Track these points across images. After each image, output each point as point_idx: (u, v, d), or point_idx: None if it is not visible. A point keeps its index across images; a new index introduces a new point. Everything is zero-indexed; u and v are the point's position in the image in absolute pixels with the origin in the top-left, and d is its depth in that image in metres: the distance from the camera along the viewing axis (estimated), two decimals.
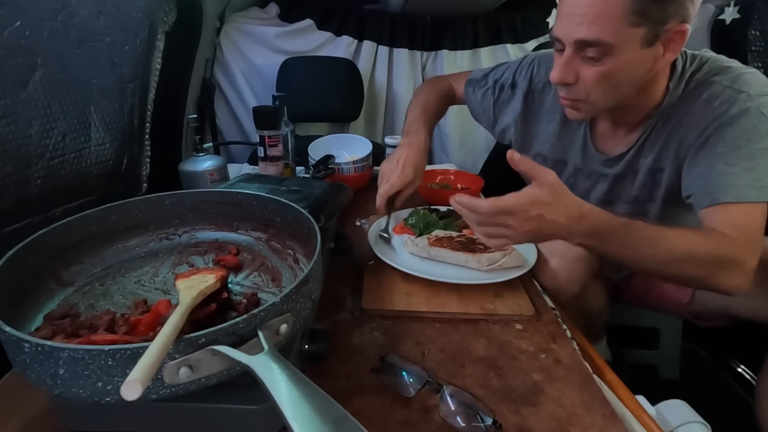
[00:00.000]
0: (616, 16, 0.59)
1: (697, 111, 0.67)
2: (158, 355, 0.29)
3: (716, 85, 0.66)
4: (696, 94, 0.67)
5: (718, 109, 0.64)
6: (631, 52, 0.62)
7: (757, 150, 0.61)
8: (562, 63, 0.66)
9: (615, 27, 0.60)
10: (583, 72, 0.65)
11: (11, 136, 0.69)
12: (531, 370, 0.53)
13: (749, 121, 0.62)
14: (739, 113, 0.63)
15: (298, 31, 1.74)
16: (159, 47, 1.11)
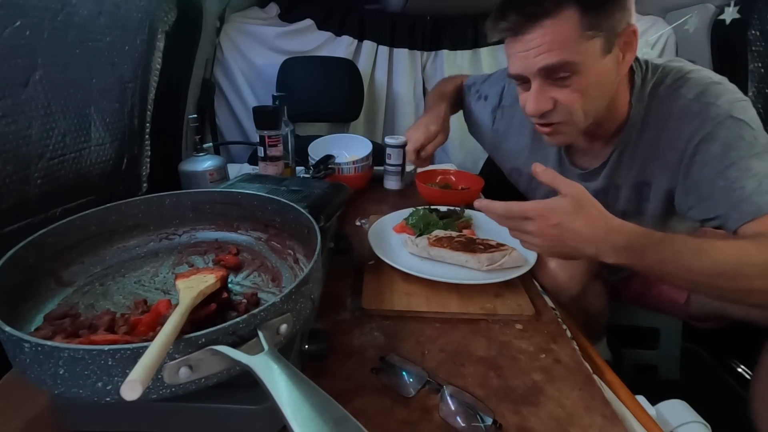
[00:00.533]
0: (571, 37, 0.61)
1: (672, 128, 0.67)
2: (158, 355, 0.29)
3: (683, 99, 0.66)
4: (665, 109, 0.68)
5: (693, 125, 0.64)
6: (596, 63, 0.63)
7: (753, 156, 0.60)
8: (534, 94, 0.66)
9: (573, 46, 0.61)
10: (558, 95, 0.65)
11: (11, 136, 0.69)
12: (531, 370, 0.53)
13: (727, 133, 0.62)
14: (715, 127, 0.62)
15: (298, 31, 1.74)
16: (159, 47, 1.11)
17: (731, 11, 1.29)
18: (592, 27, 0.60)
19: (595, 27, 0.60)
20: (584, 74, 0.63)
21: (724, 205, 0.61)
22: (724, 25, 1.34)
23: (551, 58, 0.62)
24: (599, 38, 0.61)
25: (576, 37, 0.61)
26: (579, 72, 0.63)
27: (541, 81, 0.65)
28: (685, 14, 1.49)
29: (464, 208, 0.93)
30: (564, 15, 0.60)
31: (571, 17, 0.60)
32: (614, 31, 0.62)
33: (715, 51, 1.47)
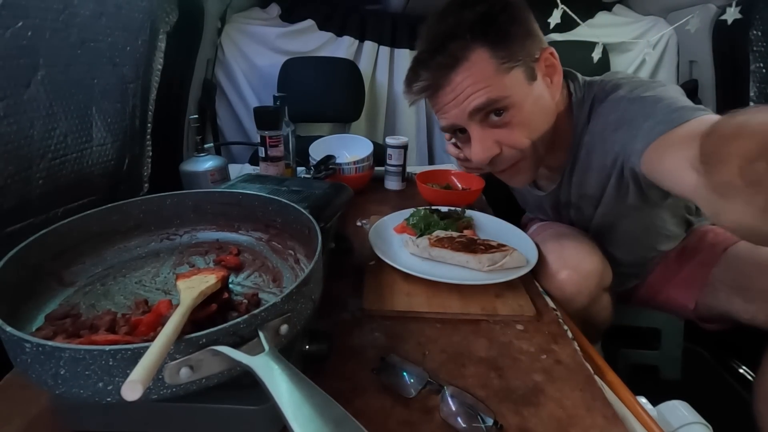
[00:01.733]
0: (490, 73, 0.61)
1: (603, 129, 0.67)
2: (159, 356, 0.29)
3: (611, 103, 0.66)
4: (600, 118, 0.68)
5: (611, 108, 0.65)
6: (526, 92, 0.63)
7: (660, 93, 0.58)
8: (477, 140, 0.65)
9: (495, 81, 0.61)
10: (500, 137, 0.65)
11: (13, 137, 0.70)
12: (532, 370, 0.53)
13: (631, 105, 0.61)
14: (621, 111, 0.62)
15: (300, 32, 1.74)
16: (160, 48, 1.12)
17: (733, 11, 1.28)
18: (507, 59, 0.61)
19: (509, 58, 0.61)
20: (518, 106, 0.63)
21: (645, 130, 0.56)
22: (725, 25, 1.33)
23: (479, 97, 0.62)
24: (519, 68, 0.62)
25: (494, 72, 0.61)
26: (512, 105, 0.63)
27: (477, 127, 0.65)
28: (687, 14, 1.48)
29: (465, 209, 0.93)
30: (475, 56, 0.61)
31: (482, 56, 0.61)
32: (530, 55, 0.63)
33: (717, 51, 1.47)
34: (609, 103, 0.66)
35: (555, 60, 0.65)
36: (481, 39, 0.60)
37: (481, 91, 0.62)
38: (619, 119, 0.62)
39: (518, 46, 0.62)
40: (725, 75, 1.45)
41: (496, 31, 0.60)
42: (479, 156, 0.66)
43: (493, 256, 0.69)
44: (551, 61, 0.65)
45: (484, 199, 1.15)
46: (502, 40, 0.61)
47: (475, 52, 0.61)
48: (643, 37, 1.66)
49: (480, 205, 1.10)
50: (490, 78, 0.61)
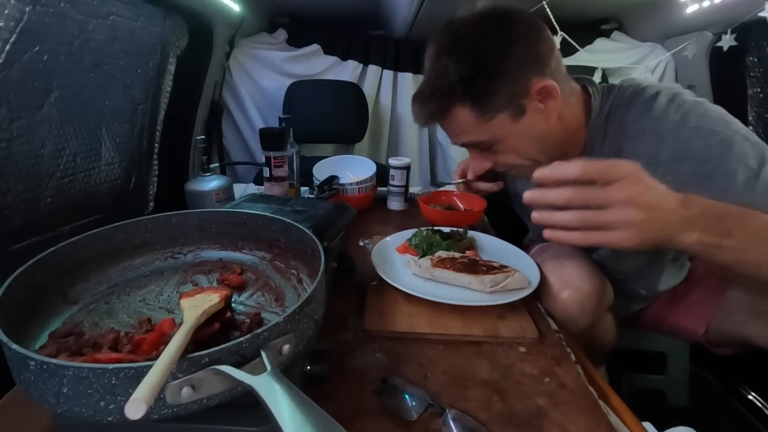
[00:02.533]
0: (470, 123, 0.66)
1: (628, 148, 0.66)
2: (162, 374, 0.29)
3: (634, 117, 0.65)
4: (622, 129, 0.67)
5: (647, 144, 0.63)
6: (512, 130, 0.66)
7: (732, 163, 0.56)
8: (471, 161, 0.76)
9: (478, 129, 0.66)
10: (491, 158, 0.72)
11: (24, 156, 0.71)
12: (535, 394, 0.52)
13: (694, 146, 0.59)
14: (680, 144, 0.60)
15: (305, 56, 1.78)
16: (170, 70, 1.15)
17: (728, 38, 1.32)
18: (486, 112, 0.64)
19: (488, 111, 0.64)
20: (503, 142, 0.68)
21: None
22: (722, 51, 1.36)
23: (465, 139, 0.69)
24: (502, 113, 0.65)
25: (475, 122, 0.66)
26: (497, 142, 0.68)
27: (472, 150, 0.73)
28: (684, 41, 1.52)
29: (467, 230, 0.93)
30: (455, 112, 0.66)
31: (462, 112, 0.65)
32: (517, 97, 0.64)
33: (715, 77, 1.50)
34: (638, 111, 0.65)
35: (550, 87, 0.64)
36: (461, 99, 0.65)
37: (466, 135, 0.69)
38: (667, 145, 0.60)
39: (500, 96, 0.64)
40: (723, 100, 1.48)
41: (475, 92, 0.63)
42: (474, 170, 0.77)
43: (495, 278, 0.69)
44: (545, 90, 0.65)
45: (486, 220, 1.16)
46: (483, 98, 0.64)
47: (456, 108, 0.66)
48: (641, 63, 1.69)
49: (482, 226, 1.10)
50: (471, 127, 0.67)
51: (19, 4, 0.65)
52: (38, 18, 0.68)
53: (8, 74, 0.65)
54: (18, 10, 0.65)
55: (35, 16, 0.67)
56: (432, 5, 1.29)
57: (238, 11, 1.42)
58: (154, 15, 1.02)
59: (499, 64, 0.62)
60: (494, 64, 0.62)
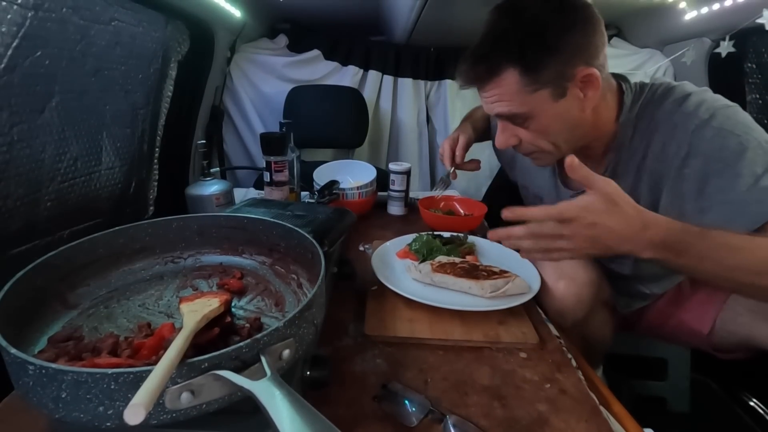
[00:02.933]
0: (513, 91, 0.66)
1: (658, 141, 0.68)
2: (162, 379, 0.29)
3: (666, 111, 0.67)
4: (652, 124, 0.69)
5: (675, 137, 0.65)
6: (549, 109, 0.67)
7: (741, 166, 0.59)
8: (499, 131, 0.74)
9: (518, 99, 0.66)
10: (520, 134, 0.72)
11: (25, 160, 0.71)
12: (536, 400, 0.52)
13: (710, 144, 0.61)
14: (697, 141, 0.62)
15: (306, 61, 1.79)
16: (171, 75, 1.15)
17: (726, 45, 1.32)
18: (532, 83, 0.64)
19: (535, 82, 0.64)
20: (537, 119, 0.68)
21: (718, 218, 0.60)
22: (720, 58, 1.37)
23: (502, 108, 0.69)
24: (545, 89, 0.65)
25: (518, 92, 0.66)
26: (531, 118, 0.68)
27: (503, 122, 0.72)
28: (682, 47, 1.53)
29: (467, 235, 0.93)
30: (504, 75, 0.65)
31: (510, 76, 0.65)
32: (563, 78, 0.65)
33: (713, 83, 1.51)
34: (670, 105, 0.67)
35: (594, 77, 0.65)
36: (513, 62, 0.64)
37: (504, 104, 0.68)
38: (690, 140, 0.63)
39: (549, 71, 0.64)
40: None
41: (529, 59, 0.63)
42: (499, 143, 0.74)
43: (496, 283, 0.69)
44: (589, 78, 0.65)
45: (487, 225, 1.16)
46: (534, 67, 0.64)
47: (506, 72, 0.65)
48: (640, 69, 1.70)
49: (482, 230, 1.10)
50: (513, 95, 0.66)
51: (21, 10, 0.65)
52: (40, 23, 0.68)
53: (10, 79, 0.65)
54: (20, 16, 0.65)
55: (37, 22, 0.67)
56: (432, 12, 1.30)
57: (239, 17, 1.43)
58: (155, 20, 1.03)
59: (556, 39, 0.63)
60: (552, 38, 0.63)
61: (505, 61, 0.65)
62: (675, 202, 0.67)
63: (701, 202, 0.63)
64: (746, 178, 0.58)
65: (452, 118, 1.90)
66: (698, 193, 0.63)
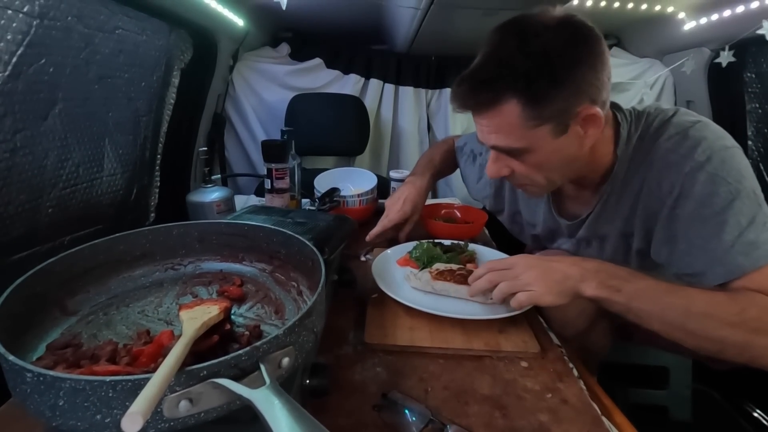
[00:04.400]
0: (514, 125, 0.62)
1: (652, 178, 0.66)
2: (160, 387, 0.29)
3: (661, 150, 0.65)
4: (647, 159, 0.67)
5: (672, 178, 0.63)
6: (547, 145, 0.63)
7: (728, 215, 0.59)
8: (491, 161, 0.71)
9: (518, 134, 0.62)
10: (513, 165, 0.68)
11: (27, 166, 0.72)
12: (537, 410, 0.51)
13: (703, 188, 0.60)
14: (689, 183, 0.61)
15: (308, 70, 1.81)
16: (174, 83, 1.16)
17: (726, 55, 1.33)
18: (535, 118, 0.60)
19: (537, 117, 0.60)
20: (534, 154, 0.64)
21: (699, 263, 0.61)
22: (720, 67, 1.38)
23: (499, 141, 0.65)
24: (547, 125, 0.61)
25: (519, 126, 0.61)
26: (529, 152, 0.65)
27: (495, 153, 0.69)
28: (682, 57, 1.54)
29: (468, 242, 0.93)
30: (504, 107, 0.61)
31: (511, 109, 0.60)
32: (566, 114, 0.61)
33: (713, 92, 1.51)
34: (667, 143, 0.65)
35: (597, 117, 0.62)
36: (517, 93, 0.60)
37: (503, 137, 0.64)
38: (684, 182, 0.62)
39: (553, 107, 0.60)
40: (723, 115, 1.49)
41: (534, 92, 0.59)
42: (491, 173, 0.71)
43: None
44: (592, 118, 0.62)
45: (487, 233, 1.16)
46: (538, 101, 0.59)
47: (508, 102, 0.60)
48: (640, 78, 1.71)
49: (483, 239, 1.10)
50: (512, 129, 0.62)
51: (27, 18, 0.66)
52: (45, 31, 0.69)
53: (14, 86, 0.66)
54: (26, 24, 0.66)
55: (42, 30, 0.68)
56: (433, 22, 1.31)
57: (242, 26, 1.44)
58: (159, 29, 1.04)
59: (565, 74, 0.59)
60: (561, 72, 0.59)
61: (508, 90, 0.60)
62: (666, 240, 0.65)
63: (685, 244, 0.62)
64: (731, 228, 0.58)
65: (453, 126, 1.91)
66: (684, 236, 0.62)
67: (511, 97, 0.60)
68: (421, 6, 1.17)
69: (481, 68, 0.63)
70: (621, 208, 0.71)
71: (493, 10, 1.21)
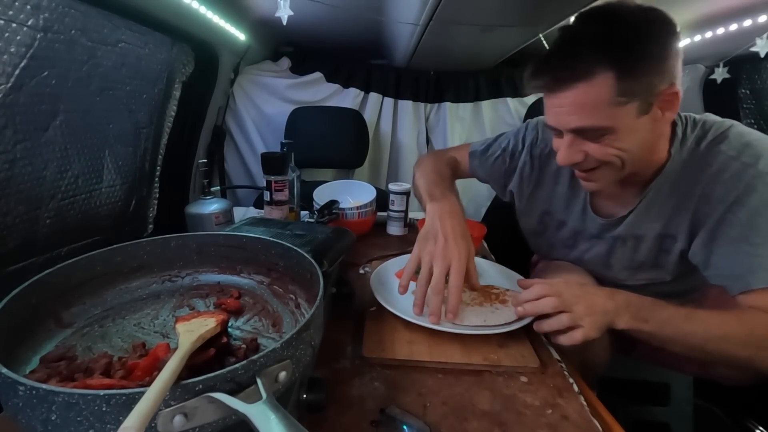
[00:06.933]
0: (604, 102, 0.59)
1: (708, 183, 0.66)
2: (155, 402, 0.28)
3: (723, 156, 0.66)
4: (703, 163, 0.67)
5: (728, 184, 0.64)
6: (630, 124, 0.62)
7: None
8: (564, 146, 0.66)
9: (606, 112, 0.60)
10: (589, 149, 0.65)
11: (26, 177, 0.72)
12: (537, 426, 0.51)
13: (759, 198, 0.62)
14: (748, 191, 0.62)
15: (308, 83, 1.82)
16: (175, 96, 1.17)
17: (721, 71, 1.35)
18: (627, 93, 0.58)
19: (629, 93, 0.59)
20: (617, 134, 0.62)
21: (741, 268, 0.63)
22: (715, 84, 1.40)
23: (583, 120, 0.62)
24: (634, 102, 0.59)
25: (608, 102, 0.59)
26: (612, 133, 0.62)
27: (571, 136, 0.65)
28: None
29: None
30: (598, 79, 0.58)
31: (605, 82, 0.58)
32: (652, 92, 0.60)
33: (708, 108, 1.53)
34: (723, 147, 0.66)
35: (676, 99, 0.62)
36: (612, 65, 0.57)
37: (588, 115, 0.61)
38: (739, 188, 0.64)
39: (645, 82, 0.59)
40: None
41: (630, 63, 0.58)
42: (562, 160, 0.68)
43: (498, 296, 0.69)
44: (671, 99, 0.62)
45: (486, 246, 1.15)
46: (632, 74, 0.58)
47: (600, 75, 0.58)
48: None
49: (482, 251, 1.10)
50: (602, 106, 0.60)
51: (31, 31, 0.66)
52: (49, 44, 0.70)
53: (16, 97, 0.66)
54: (30, 37, 0.66)
55: (46, 43, 0.69)
56: (432, 37, 1.33)
57: (243, 40, 1.46)
58: (161, 42, 1.05)
59: (655, 49, 0.58)
60: (651, 47, 0.58)
61: (600, 62, 0.58)
62: (709, 242, 0.67)
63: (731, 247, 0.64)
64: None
65: (451, 139, 1.92)
66: (731, 239, 0.64)
67: (602, 68, 0.58)
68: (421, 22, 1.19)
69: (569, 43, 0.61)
70: (664, 209, 0.72)
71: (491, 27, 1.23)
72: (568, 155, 0.66)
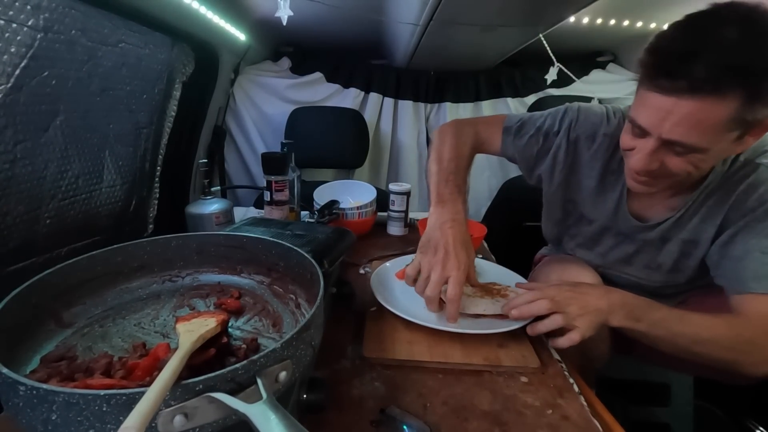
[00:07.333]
0: (717, 125, 0.55)
1: (741, 192, 0.67)
2: (155, 401, 0.28)
3: (762, 168, 0.66)
4: (741, 174, 0.68)
5: (763, 197, 0.65)
6: (722, 149, 0.60)
7: None
8: (647, 152, 0.62)
9: (712, 135, 0.56)
10: (668, 160, 0.62)
11: (26, 177, 0.72)
12: (538, 426, 0.51)
13: None
14: None
15: (308, 83, 1.83)
16: (175, 96, 1.17)
17: None
18: (739, 122, 0.55)
19: (742, 122, 0.55)
20: (706, 155, 0.60)
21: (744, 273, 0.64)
22: None
23: (688, 137, 0.57)
24: (738, 131, 0.57)
25: (720, 126, 0.55)
26: (702, 152, 0.59)
27: (656, 143, 0.61)
28: None
29: None
30: (727, 101, 0.53)
31: (731, 105, 0.54)
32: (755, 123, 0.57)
33: None
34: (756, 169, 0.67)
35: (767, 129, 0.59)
36: (744, 91, 0.53)
37: (695, 133, 0.57)
38: None
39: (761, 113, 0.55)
40: None
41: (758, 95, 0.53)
42: (637, 166, 0.64)
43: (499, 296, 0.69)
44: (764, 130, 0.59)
45: (486, 246, 1.15)
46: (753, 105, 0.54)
47: (727, 98, 0.53)
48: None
49: (482, 252, 1.10)
50: (711, 130, 0.56)
51: (31, 32, 0.66)
52: (49, 44, 0.70)
53: (16, 97, 0.66)
54: (30, 37, 0.66)
55: (46, 43, 0.69)
56: (432, 38, 1.33)
57: (243, 40, 1.46)
58: (162, 43, 1.05)
59: None
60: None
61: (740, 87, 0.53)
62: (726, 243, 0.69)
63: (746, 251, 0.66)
64: None
65: None
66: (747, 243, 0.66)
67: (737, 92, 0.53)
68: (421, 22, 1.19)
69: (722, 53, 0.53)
70: (694, 218, 0.73)
71: (491, 27, 1.24)
72: (648, 162, 0.63)
